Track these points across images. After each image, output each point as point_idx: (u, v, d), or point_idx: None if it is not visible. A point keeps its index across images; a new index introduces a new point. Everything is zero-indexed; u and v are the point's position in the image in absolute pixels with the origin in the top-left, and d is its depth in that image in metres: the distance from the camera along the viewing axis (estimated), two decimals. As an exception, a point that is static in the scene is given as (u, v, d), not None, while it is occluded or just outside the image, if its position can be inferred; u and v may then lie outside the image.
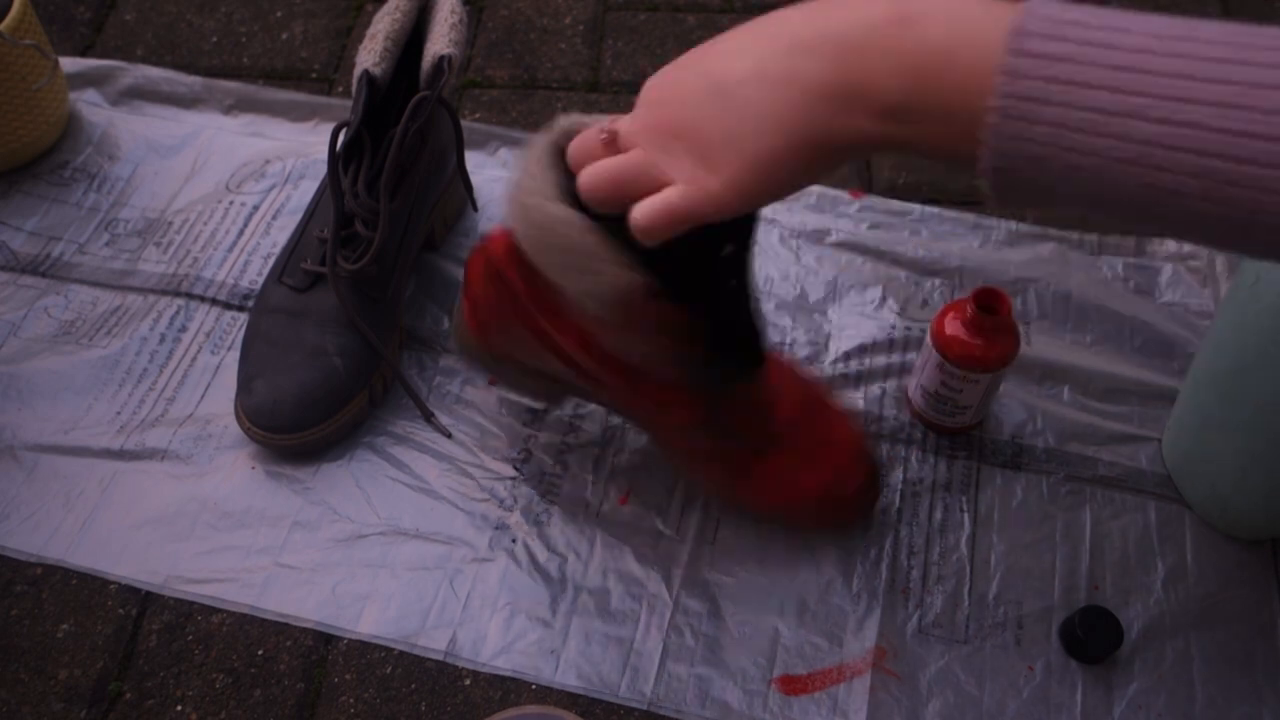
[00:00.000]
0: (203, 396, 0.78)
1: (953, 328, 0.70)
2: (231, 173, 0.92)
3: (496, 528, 0.72)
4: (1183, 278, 0.85)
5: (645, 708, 0.66)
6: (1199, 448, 0.71)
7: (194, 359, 0.80)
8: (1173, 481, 0.75)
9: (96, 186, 0.91)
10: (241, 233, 0.88)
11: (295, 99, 0.97)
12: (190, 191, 0.91)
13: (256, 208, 0.90)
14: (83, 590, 0.70)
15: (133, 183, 0.91)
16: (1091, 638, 0.66)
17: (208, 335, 0.81)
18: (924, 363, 0.73)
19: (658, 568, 0.71)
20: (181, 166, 0.92)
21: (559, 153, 0.55)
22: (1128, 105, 0.36)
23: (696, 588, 0.70)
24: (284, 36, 1.04)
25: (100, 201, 0.90)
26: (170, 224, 0.89)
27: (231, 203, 0.90)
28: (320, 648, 0.68)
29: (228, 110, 0.97)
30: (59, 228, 0.88)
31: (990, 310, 0.69)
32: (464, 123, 0.95)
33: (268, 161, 0.93)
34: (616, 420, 0.77)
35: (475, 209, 0.89)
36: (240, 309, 0.83)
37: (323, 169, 0.91)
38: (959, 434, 0.77)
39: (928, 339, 0.72)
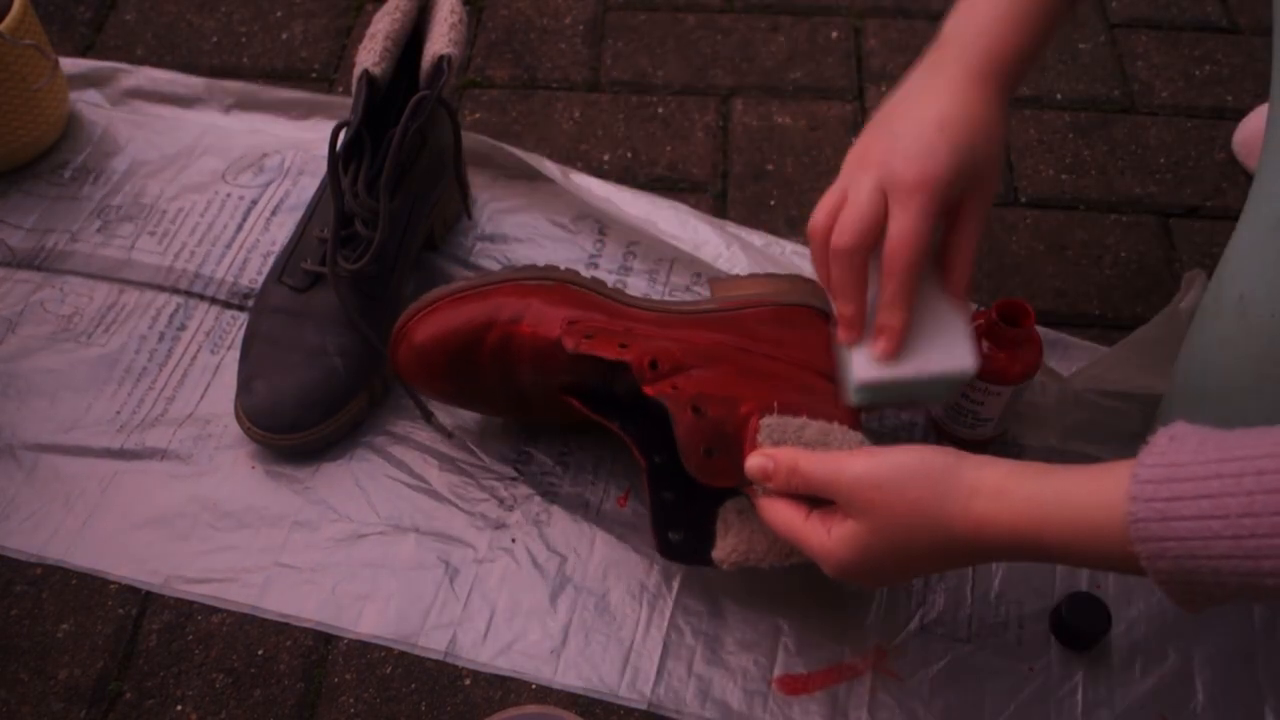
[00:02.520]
0: (203, 396, 0.78)
1: (976, 339, 0.70)
2: (228, 164, 0.92)
3: (496, 527, 0.72)
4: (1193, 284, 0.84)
5: (645, 707, 0.66)
6: None
7: (194, 358, 0.80)
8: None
9: (93, 180, 0.91)
10: (240, 228, 0.88)
11: (294, 97, 0.97)
12: (184, 180, 0.91)
13: (255, 202, 0.90)
14: (83, 590, 0.70)
15: (128, 174, 0.91)
16: (1080, 624, 0.66)
17: (207, 334, 0.81)
18: None
19: (658, 568, 0.71)
20: (177, 158, 0.93)
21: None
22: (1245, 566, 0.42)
23: (697, 587, 0.70)
24: (284, 36, 1.04)
25: (94, 192, 0.90)
26: (164, 212, 0.88)
27: (229, 195, 0.90)
28: (320, 648, 0.68)
29: (227, 109, 0.97)
30: (53, 220, 0.88)
31: (1013, 322, 0.69)
32: (464, 130, 0.95)
33: (265, 155, 0.93)
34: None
35: (470, 217, 0.88)
36: (240, 308, 0.83)
37: (322, 166, 0.90)
38: (979, 446, 0.76)
39: None
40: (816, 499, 0.58)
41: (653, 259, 0.87)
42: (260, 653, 0.68)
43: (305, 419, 0.73)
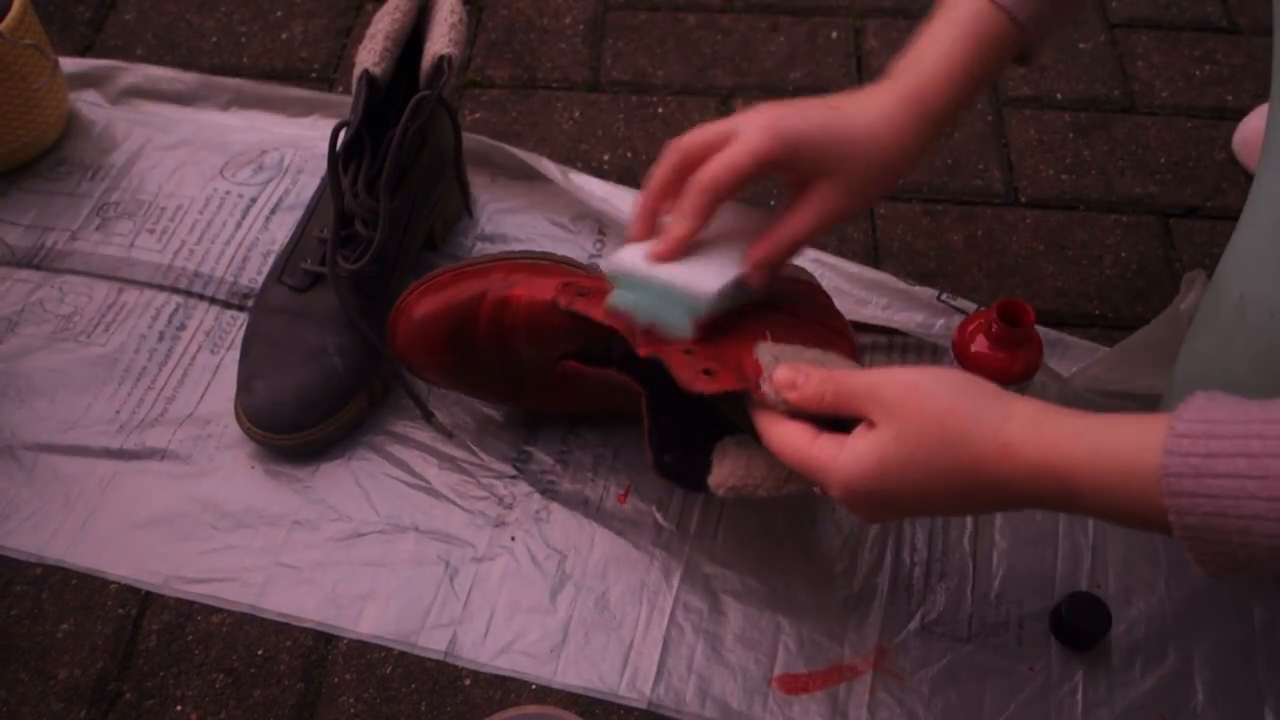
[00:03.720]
0: (202, 396, 0.78)
1: (975, 340, 0.70)
2: (227, 161, 0.92)
3: (496, 526, 0.72)
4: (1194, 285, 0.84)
5: (645, 706, 0.66)
6: None
7: (193, 358, 0.80)
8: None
9: (90, 176, 0.91)
10: (239, 225, 0.88)
11: (293, 95, 0.97)
12: (183, 177, 0.91)
13: (254, 200, 0.90)
14: (83, 590, 0.70)
15: (125, 169, 0.91)
16: (1080, 624, 0.66)
17: (207, 334, 0.81)
18: None
19: (658, 565, 0.71)
20: (175, 155, 0.93)
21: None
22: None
23: (697, 585, 0.70)
24: (284, 36, 1.04)
25: (93, 189, 0.90)
26: (164, 209, 0.88)
27: (228, 193, 0.90)
28: (320, 648, 0.68)
29: (226, 107, 0.97)
30: (52, 217, 0.88)
31: (1013, 322, 0.69)
32: (465, 130, 0.95)
33: (264, 151, 0.93)
34: (616, 419, 0.77)
35: (470, 216, 0.88)
36: (240, 308, 0.83)
37: (321, 164, 0.90)
38: None
39: (949, 350, 0.71)
40: (828, 425, 0.55)
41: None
42: (260, 653, 0.68)
43: (305, 419, 0.73)
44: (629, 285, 0.62)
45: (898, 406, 0.51)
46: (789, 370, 0.56)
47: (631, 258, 0.61)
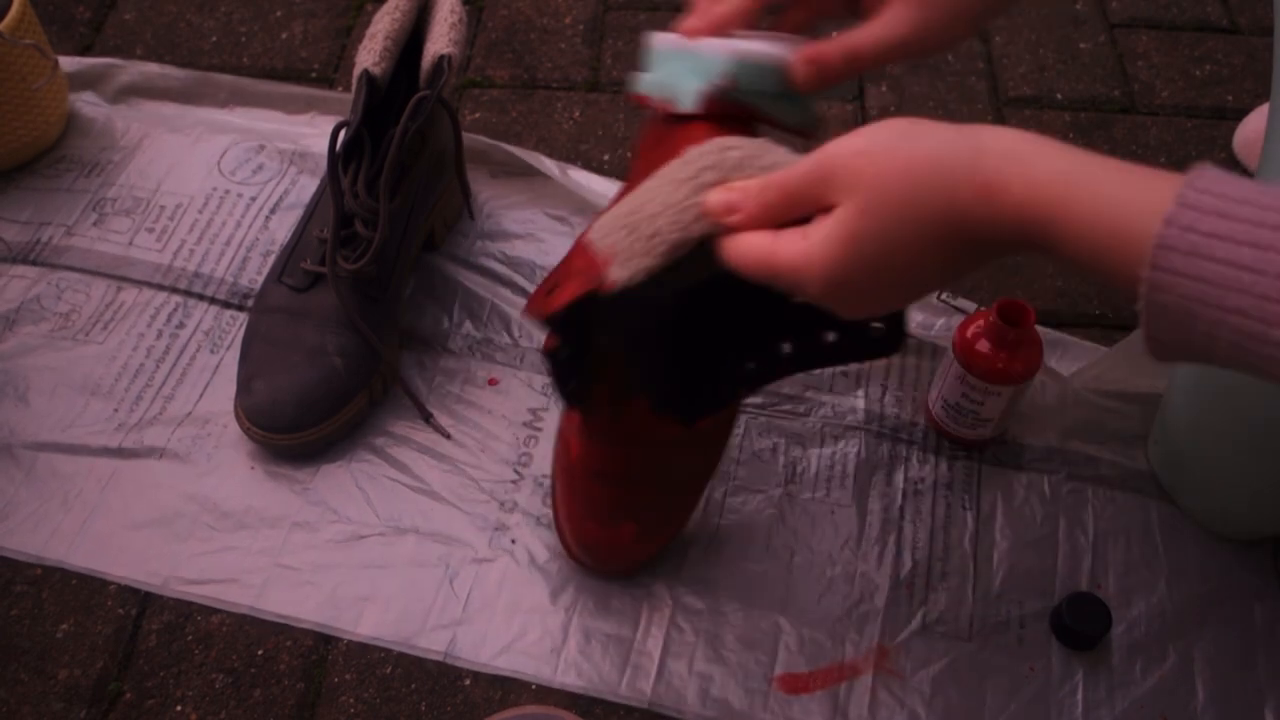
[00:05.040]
0: (201, 395, 0.78)
1: (976, 339, 0.70)
2: (226, 160, 0.92)
3: (496, 528, 0.72)
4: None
5: (645, 707, 0.65)
6: (1187, 457, 0.71)
7: (193, 357, 0.80)
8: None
9: (87, 173, 0.91)
10: (239, 225, 0.88)
11: (291, 92, 0.97)
12: (181, 175, 0.91)
13: (254, 199, 0.89)
14: (83, 590, 0.70)
15: (122, 165, 0.91)
16: (1080, 624, 0.66)
17: (206, 334, 0.81)
18: (945, 373, 0.73)
19: (658, 565, 0.71)
20: (173, 150, 0.92)
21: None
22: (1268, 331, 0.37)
23: (698, 585, 0.70)
24: (284, 36, 1.04)
25: (89, 184, 0.90)
26: (163, 208, 0.88)
27: (227, 191, 0.90)
28: (320, 648, 0.68)
29: (224, 104, 0.97)
30: (48, 213, 0.88)
31: (1013, 322, 0.69)
32: (464, 130, 0.95)
33: (263, 149, 0.93)
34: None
35: (472, 217, 0.88)
36: (239, 308, 0.83)
37: (320, 163, 0.91)
38: (980, 446, 0.76)
39: (950, 350, 0.71)
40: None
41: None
42: (260, 653, 0.68)
43: (305, 419, 0.73)
44: (657, 60, 0.55)
45: (854, 177, 0.45)
46: (721, 193, 0.49)
47: (670, 37, 0.55)
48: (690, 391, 0.61)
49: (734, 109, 0.54)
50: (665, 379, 0.61)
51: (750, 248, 0.48)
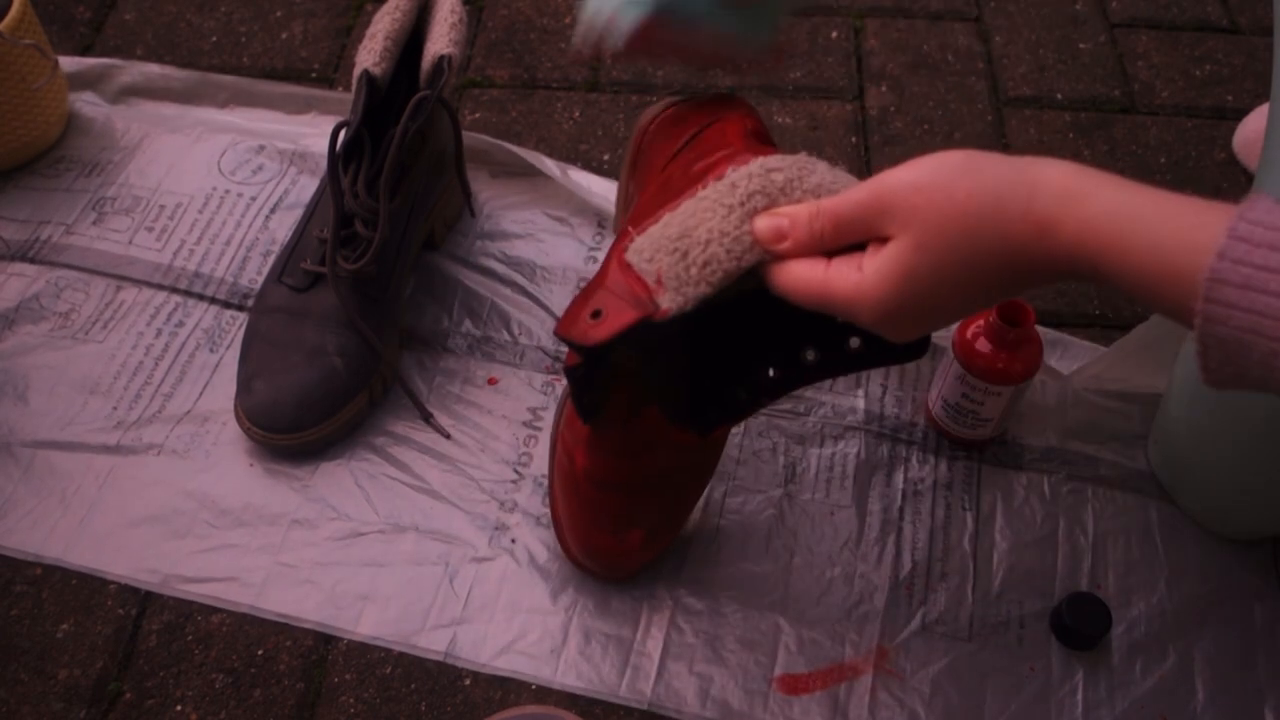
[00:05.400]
0: (200, 394, 0.78)
1: (976, 339, 0.70)
2: (226, 160, 0.92)
3: (496, 527, 0.72)
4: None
5: (645, 707, 0.65)
6: (1186, 457, 0.71)
7: (192, 356, 0.80)
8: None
9: (87, 172, 0.91)
10: (238, 224, 0.88)
11: (291, 92, 0.96)
12: (181, 175, 0.91)
13: (254, 199, 0.89)
14: (82, 590, 0.70)
15: (121, 165, 0.91)
16: (1080, 624, 0.66)
17: (206, 332, 0.81)
18: (944, 373, 0.73)
19: (658, 566, 0.71)
20: (172, 149, 0.92)
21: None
22: None
23: (697, 586, 0.70)
24: (284, 36, 1.04)
25: (89, 184, 0.90)
26: (163, 207, 0.88)
27: (227, 191, 0.90)
28: (320, 648, 0.68)
29: (224, 104, 0.97)
30: (48, 212, 0.88)
31: (1013, 322, 0.69)
32: (464, 130, 0.95)
33: (263, 148, 0.93)
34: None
35: (473, 215, 0.89)
36: (239, 308, 0.83)
37: (321, 163, 0.91)
38: (979, 446, 0.76)
39: (949, 350, 0.71)
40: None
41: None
42: (260, 653, 0.68)
43: (305, 419, 0.73)
44: None
45: (910, 213, 0.45)
46: (770, 220, 0.49)
47: None
48: (709, 401, 0.60)
49: (678, 34, 0.52)
50: (685, 390, 0.60)
51: (803, 278, 0.49)
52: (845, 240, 0.48)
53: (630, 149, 0.66)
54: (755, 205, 0.49)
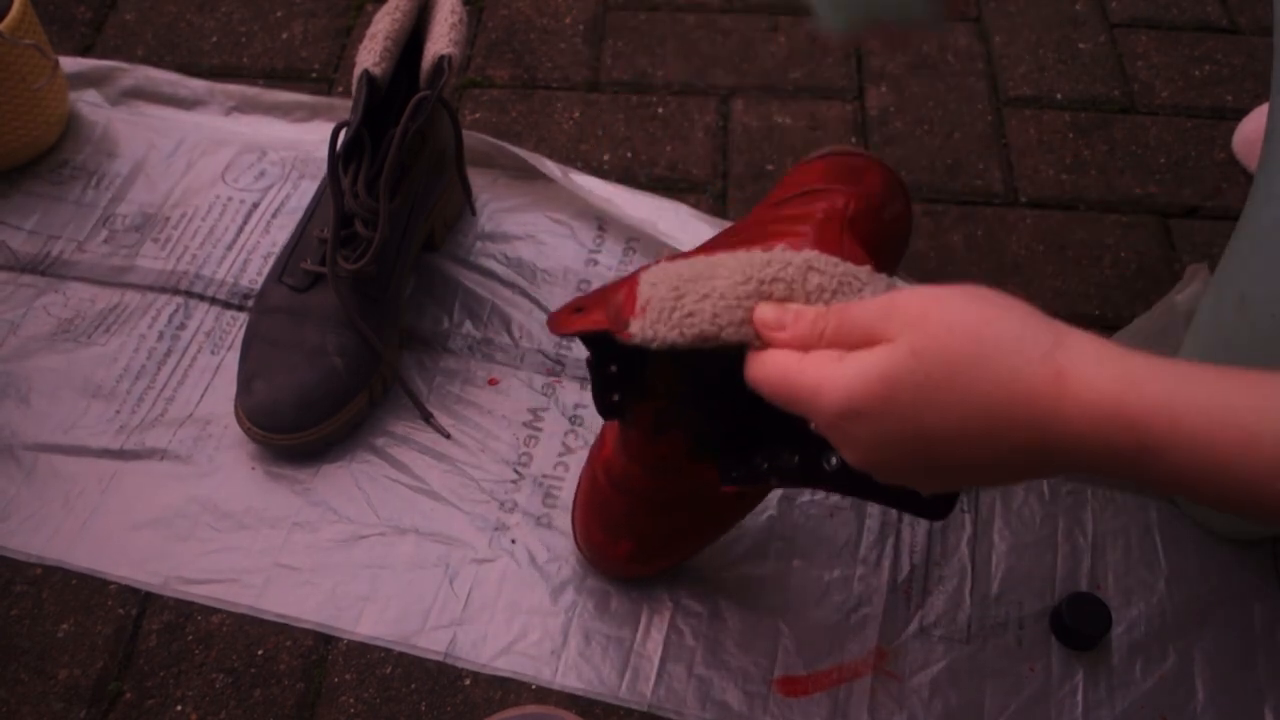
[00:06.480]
0: (202, 396, 0.78)
1: None
2: (229, 167, 0.92)
3: (496, 528, 0.72)
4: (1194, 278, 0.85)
5: (645, 709, 0.66)
6: None
7: (194, 359, 0.80)
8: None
9: (95, 184, 0.91)
10: (241, 230, 0.88)
11: (296, 100, 0.96)
12: (187, 185, 0.91)
13: (256, 205, 0.89)
14: (83, 590, 0.70)
15: (130, 179, 0.91)
16: (1080, 624, 0.66)
17: (207, 335, 0.81)
18: None
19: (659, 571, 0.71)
20: (178, 161, 0.92)
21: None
22: None
23: (697, 588, 0.70)
24: (284, 36, 1.04)
25: (98, 198, 0.90)
26: (168, 219, 0.88)
27: (230, 199, 0.90)
28: (320, 648, 0.68)
29: (228, 112, 0.96)
30: (57, 226, 0.88)
31: None
32: (466, 130, 0.95)
33: (265, 154, 0.93)
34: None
35: (474, 213, 0.89)
36: (240, 308, 0.83)
37: (322, 168, 0.91)
38: None
39: None
40: None
41: (652, 255, 0.87)
42: (260, 653, 0.68)
43: (305, 419, 0.73)
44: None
45: (918, 318, 0.39)
46: (776, 309, 0.45)
47: None
48: (736, 455, 0.57)
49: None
50: (717, 435, 0.58)
51: (776, 362, 0.44)
52: (845, 340, 0.42)
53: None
54: (774, 291, 0.47)
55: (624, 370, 0.55)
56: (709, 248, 0.55)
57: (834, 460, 0.49)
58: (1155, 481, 0.36)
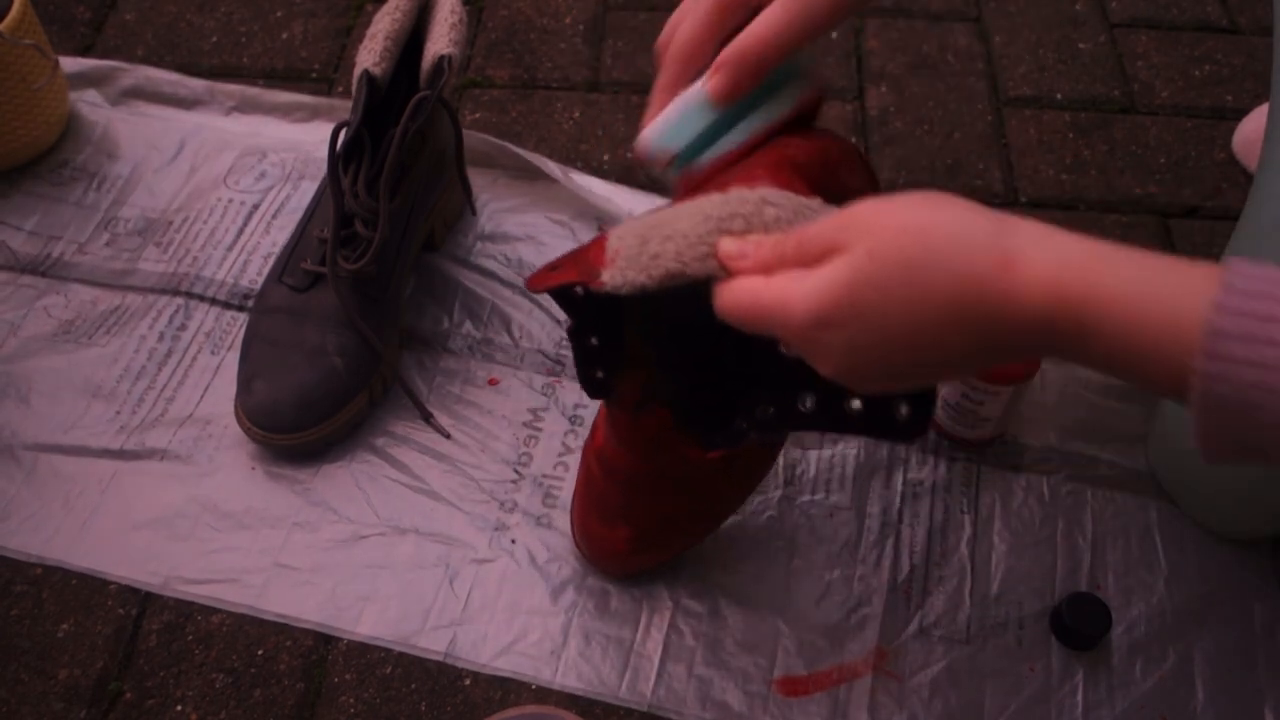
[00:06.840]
0: (202, 396, 0.78)
1: None
2: (229, 168, 0.92)
3: (496, 528, 0.72)
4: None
5: (645, 709, 0.66)
6: (1187, 457, 0.71)
7: (194, 359, 0.80)
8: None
9: (96, 185, 0.91)
10: (241, 231, 0.88)
11: (296, 100, 0.96)
12: (189, 190, 0.91)
13: (256, 206, 0.90)
14: (83, 590, 0.70)
15: (132, 181, 0.91)
16: (1080, 624, 0.66)
17: (207, 335, 0.81)
18: None
19: (658, 568, 0.71)
20: (180, 165, 0.92)
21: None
22: None
23: (697, 588, 0.70)
24: (284, 36, 1.04)
25: (100, 200, 0.90)
26: (170, 223, 0.88)
27: (230, 200, 0.90)
28: (320, 648, 0.68)
29: (228, 113, 0.96)
30: (58, 227, 0.88)
31: None
32: (466, 130, 0.95)
33: (265, 156, 0.93)
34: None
35: (474, 213, 0.89)
36: (240, 309, 0.83)
37: (323, 169, 0.91)
38: (979, 446, 0.76)
39: None
40: None
41: (653, 259, 0.86)
42: (260, 653, 0.68)
43: (305, 419, 0.73)
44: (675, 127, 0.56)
45: (871, 225, 0.42)
46: (737, 241, 0.47)
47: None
48: (709, 416, 0.60)
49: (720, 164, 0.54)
50: (696, 403, 0.60)
51: (742, 287, 0.45)
52: (808, 258, 0.43)
53: None
54: (733, 226, 0.48)
55: (604, 340, 0.57)
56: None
57: (808, 402, 0.52)
58: (1096, 363, 0.39)
